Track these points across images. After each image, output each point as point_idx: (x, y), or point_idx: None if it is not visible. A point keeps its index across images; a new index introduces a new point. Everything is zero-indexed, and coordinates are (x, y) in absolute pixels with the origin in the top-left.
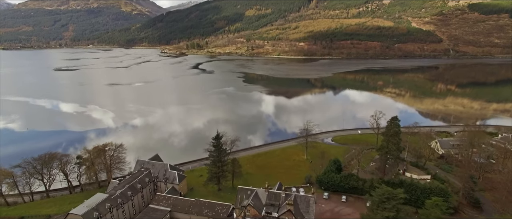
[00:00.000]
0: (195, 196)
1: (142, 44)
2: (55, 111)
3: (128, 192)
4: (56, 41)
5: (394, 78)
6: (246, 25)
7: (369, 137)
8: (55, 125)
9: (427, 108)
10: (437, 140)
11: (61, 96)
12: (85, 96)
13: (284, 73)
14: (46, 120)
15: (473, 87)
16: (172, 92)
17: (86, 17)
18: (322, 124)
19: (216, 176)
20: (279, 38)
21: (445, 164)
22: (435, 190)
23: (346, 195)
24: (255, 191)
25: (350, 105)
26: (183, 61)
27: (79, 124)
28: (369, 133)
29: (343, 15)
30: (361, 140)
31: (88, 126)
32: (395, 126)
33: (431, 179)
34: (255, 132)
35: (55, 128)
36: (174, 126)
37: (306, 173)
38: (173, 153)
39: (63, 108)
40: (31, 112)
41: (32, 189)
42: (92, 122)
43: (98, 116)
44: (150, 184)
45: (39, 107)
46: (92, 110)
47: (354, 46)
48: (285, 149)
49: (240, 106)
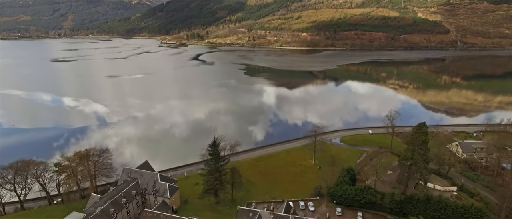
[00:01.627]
0: (189, 210)
1: (142, 34)
2: (46, 105)
3: (110, 209)
4: (55, 31)
5: (402, 70)
6: (247, 15)
7: (381, 137)
8: (43, 121)
9: (441, 102)
10: (458, 142)
11: (54, 90)
12: (79, 89)
13: (287, 65)
14: (35, 116)
15: (479, 79)
16: (169, 85)
17: (85, 6)
18: (329, 122)
19: (213, 188)
20: (281, 29)
21: (469, 171)
22: (469, 210)
23: (362, 212)
24: (258, 213)
25: (358, 101)
26: (183, 52)
27: (70, 120)
28: (381, 133)
29: (347, 5)
30: (372, 141)
31: (78, 122)
32: (423, 133)
33: (458, 191)
34: (257, 131)
35: (43, 124)
36: (169, 124)
37: (315, 183)
38: (167, 156)
39: (55, 102)
40: (21, 106)
41: (4, 199)
42: (83, 117)
43: (90, 111)
44: (138, 197)
45: (30, 101)
46: (84, 105)
47: (358, 37)
48: (290, 151)
49: (241, 102)
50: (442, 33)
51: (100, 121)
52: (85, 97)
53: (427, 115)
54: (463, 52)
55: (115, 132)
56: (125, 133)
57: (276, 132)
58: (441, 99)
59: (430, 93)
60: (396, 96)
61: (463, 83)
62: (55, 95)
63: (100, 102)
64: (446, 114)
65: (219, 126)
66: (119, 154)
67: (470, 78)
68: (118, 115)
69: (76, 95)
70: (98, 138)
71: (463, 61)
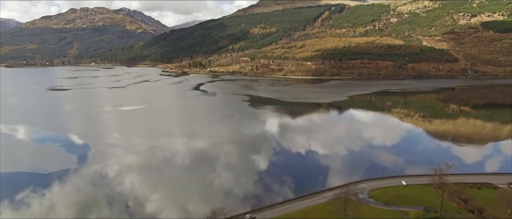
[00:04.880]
0: None
1: (144, 62)
2: (22, 142)
3: None
4: (60, 59)
5: (421, 101)
6: (250, 43)
7: (421, 192)
8: (12, 163)
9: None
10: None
11: (39, 122)
12: (65, 122)
13: (293, 97)
14: (7, 156)
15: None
16: (165, 119)
17: (91, 35)
18: (348, 167)
19: None
20: (285, 57)
21: None
22: None
23: None
24: None
25: (380, 140)
26: (183, 81)
27: (45, 161)
28: (417, 184)
29: (350, 33)
30: (410, 197)
31: (54, 164)
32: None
33: None
34: (258, 186)
35: (11, 167)
36: (156, 173)
37: None
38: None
39: (36, 138)
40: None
41: None
42: (62, 159)
43: (71, 150)
44: None
45: (6, 136)
46: (66, 142)
47: (364, 66)
48: (308, 213)
49: (244, 142)
50: (451, 62)
51: (81, 163)
52: (71, 132)
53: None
54: (476, 81)
55: (94, 181)
56: (108, 182)
57: (285, 184)
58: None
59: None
60: (427, 134)
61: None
62: (37, 129)
63: (85, 138)
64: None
65: (216, 174)
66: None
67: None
68: (102, 157)
69: (60, 130)
70: (74, 186)
71: (474, 90)
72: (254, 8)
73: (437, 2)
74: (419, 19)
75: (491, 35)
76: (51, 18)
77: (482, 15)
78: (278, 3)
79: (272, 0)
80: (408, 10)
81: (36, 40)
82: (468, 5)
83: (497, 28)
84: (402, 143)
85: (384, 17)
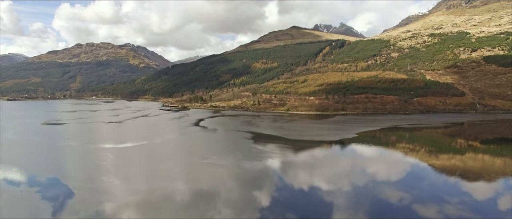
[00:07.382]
0: None
1: (145, 96)
2: (2, 187)
3: None
4: (61, 92)
5: (437, 137)
6: (252, 78)
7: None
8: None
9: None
10: None
11: (21, 161)
12: (51, 162)
13: (298, 134)
14: None
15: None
16: (159, 159)
17: (94, 69)
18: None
19: None
20: (287, 92)
21: None
22: None
23: None
24: None
25: (401, 187)
26: (183, 116)
27: (11, 212)
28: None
29: (352, 68)
30: None
31: (22, 215)
32: None
33: None
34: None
35: None
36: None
37: None
38: None
39: (9, 179)
40: None
41: None
42: (32, 209)
43: (52, 196)
44: None
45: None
46: (48, 186)
47: (369, 101)
48: None
49: (247, 187)
50: (458, 96)
51: (55, 214)
52: (54, 173)
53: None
54: (486, 116)
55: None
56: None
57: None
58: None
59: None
60: (452, 177)
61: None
62: (16, 169)
63: (68, 181)
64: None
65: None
66: None
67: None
68: (84, 205)
69: (42, 170)
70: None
71: (484, 125)
72: (255, 44)
73: (436, 37)
74: (420, 53)
75: (494, 69)
76: (57, 52)
77: (482, 49)
78: (279, 39)
79: (274, 36)
80: (408, 45)
81: (41, 73)
82: (467, 40)
83: (499, 62)
84: (430, 185)
85: (385, 52)
